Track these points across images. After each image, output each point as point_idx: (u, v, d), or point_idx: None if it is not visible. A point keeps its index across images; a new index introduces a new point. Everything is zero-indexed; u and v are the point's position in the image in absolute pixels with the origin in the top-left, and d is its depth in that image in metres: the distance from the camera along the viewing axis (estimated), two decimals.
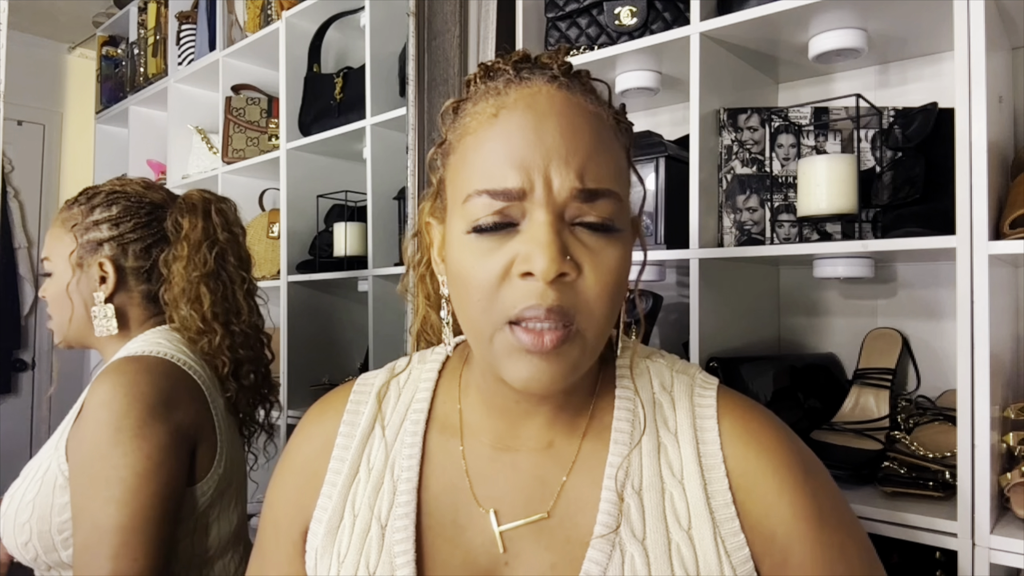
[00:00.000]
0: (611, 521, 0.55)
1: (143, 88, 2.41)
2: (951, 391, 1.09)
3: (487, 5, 1.43)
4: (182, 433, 0.90)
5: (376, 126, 1.65)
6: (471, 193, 0.52)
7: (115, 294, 1.01)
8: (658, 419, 0.60)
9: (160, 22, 2.38)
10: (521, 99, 0.53)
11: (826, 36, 1.08)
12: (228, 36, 2.09)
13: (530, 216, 0.51)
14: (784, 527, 0.55)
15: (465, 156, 0.54)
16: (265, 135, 2.01)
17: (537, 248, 0.49)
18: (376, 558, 0.58)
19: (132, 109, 2.48)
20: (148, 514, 0.84)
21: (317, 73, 1.87)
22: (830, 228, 1.08)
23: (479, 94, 0.55)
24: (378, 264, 1.66)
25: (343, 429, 0.64)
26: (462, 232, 0.53)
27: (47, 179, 2.52)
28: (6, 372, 2.40)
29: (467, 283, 0.52)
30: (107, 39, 2.63)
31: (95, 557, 0.81)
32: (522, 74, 0.54)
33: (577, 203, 0.51)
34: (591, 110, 0.54)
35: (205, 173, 2.12)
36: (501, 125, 0.52)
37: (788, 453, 0.58)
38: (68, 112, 2.62)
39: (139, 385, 0.88)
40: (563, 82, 0.54)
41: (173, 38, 2.30)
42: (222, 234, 1.05)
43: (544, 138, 0.51)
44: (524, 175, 0.50)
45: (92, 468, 0.85)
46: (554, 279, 0.49)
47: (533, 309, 0.49)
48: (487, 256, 0.51)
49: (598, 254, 0.51)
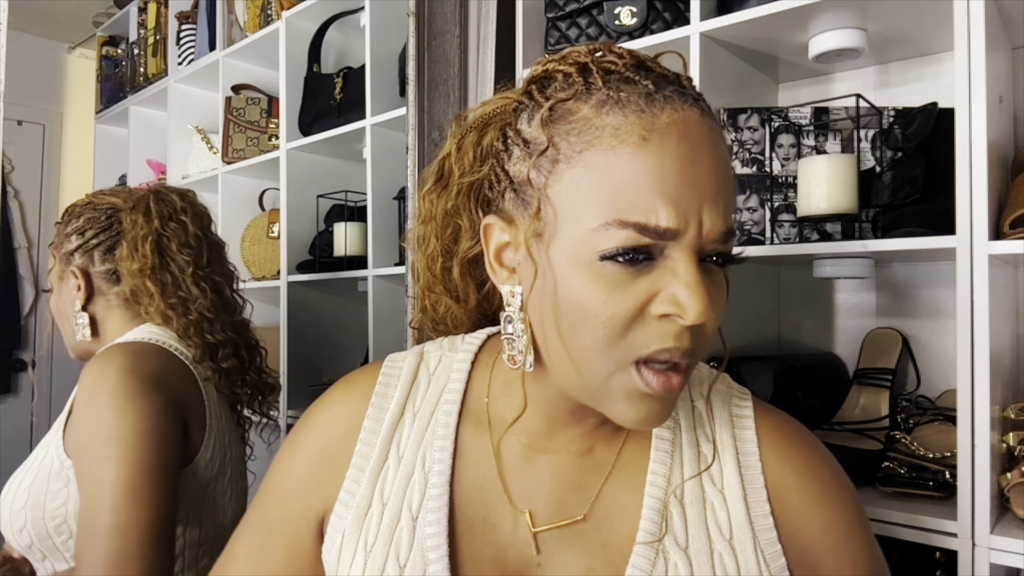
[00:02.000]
0: (655, 528, 0.55)
1: (143, 88, 2.41)
2: (951, 391, 1.09)
3: (487, 5, 1.43)
4: (174, 406, 0.91)
5: (376, 126, 1.65)
6: (610, 221, 0.46)
7: (91, 301, 1.04)
8: (697, 427, 0.60)
9: (160, 22, 2.38)
10: (675, 125, 0.47)
11: (826, 36, 1.08)
12: (228, 36, 2.09)
13: (672, 253, 0.47)
14: (816, 542, 0.57)
15: (600, 175, 0.47)
16: (265, 135, 2.01)
17: (687, 292, 0.46)
18: (407, 550, 0.56)
19: (132, 109, 2.47)
20: (148, 466, 0.84)
21: (317, 73, 1.87)
22: (830, 228, 1.08)
23: (603, 102, 0.49)
24: (378, 264, 1.66)
25: (371, 412, 0.62)
26: (587, 258, 0.48)
27: (47, 179, 2.51)
28: (6, 372, 2.39)
29: (590, 315, 0.48)
30: (107, 39, 2.63)
31: (98, 511, 0.82)
32: (664, 92, 0.49)
33: (718, 244, 0.49)
34: (723, 144, 0.51)
35: (205, 173, 2.12)
36: (654, 152, 0.47)
37: (823, 469, 0.60)
38: (68, 112, 2.62)
39: (129, 362, 0.90)
40: (704, 107, 0.50)
41: (173, 38, 2.30)
42: (167, 225, 1.03)
43: (699, 175, 0.47)
44: (681, 216, 0.46)
45: (91, 435, 0.86)
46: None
47: (668, 352, 0.47)
48: (619, 289, 0.47)
49: (719, 289, 0.50)
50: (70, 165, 2.57)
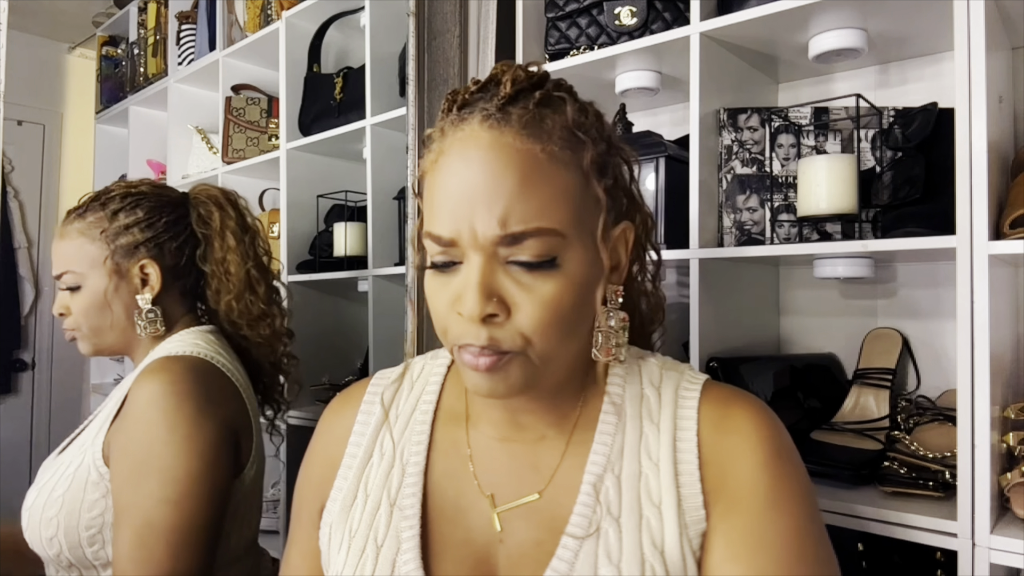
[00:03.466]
0: (590, 500, 0.60)
1: (143, 88, 2.41)
2: (951, 391, 1.09)
3: (487, 5, 1.43)
4: (228, 428, 0.92)
5: (376, 126, 1.65)
6: (424, 233, 0.58)
7: (158, 295, 1.01)
8: (643, 412, 0.63)
9: (160, 22, 2.38)
10: (454, 145, 0.56)
11: (826, 36, 1.08)
12: (228, 36, 2.09)
13: (466, 258, 0.55)
14: (735, 492, 0.58)
15: (424, 194, 0.59)
16: (265, 135, 2.01)
17: (466, 291, 0.54)
18: (384, 533, 0.63)
19: (132, 109, 2.47)
20: (202, 514, 0.85)
21: (317, 73, 1.87)
22: (830, 228, 1.08)
23: (435, 130, 0.59)
24: (378, 264, 1.66)
25: (360, 419, 0.70)
26: (428, 266, 0.58)
27: (47, 179, 2.51)
28: (6, 372, 2.39)
29: (431, 310, 0.59)
30: (107, 39, 2.63)
31: (152, 555, 0.82)
32: (462, 113, 0.57)
33: (504, 247, 0.54)
34: (519, 148, 0.54)
35: (205, 173, 2.12)
36: (440, 173, 0.56)
37: (763, 434, 0.60)
38: (68, 112, 2.62)
39: (186, 383, 0.89)
40: (495, 118, 0.55)
41: (173, 38, 2.30)
42: (252, 222, 1.09)
43: (467, 188, 0.54)
44: (453, 226, 0.54)
45: (144, 467, 0.85)
46: (484, 319, 0.54)
47: (470, 348, 0.55)
48: (439, 290, 0.57)
49: (533, 290, 0.54)
50: (70, 165, 2.57)
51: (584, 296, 0.57)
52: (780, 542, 0.56)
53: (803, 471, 0.61)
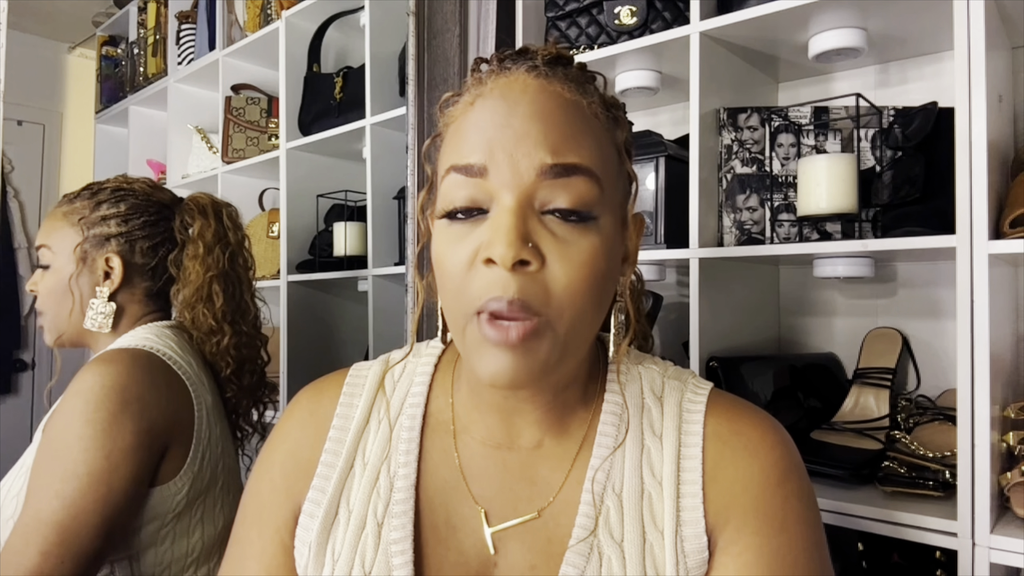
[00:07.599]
0: (589, 523, 0.55)
1: (143, 88, 2.41)
2: (951, 391, 1.09)
3: (487, 5, 1.43)
4: (154, 432, 0.88)
5: (376, 126, 1.65)
6: (446, 169, 0.53)
7: (118, 290, 1.01)
8: (644, 423, 0.59)
9: (160, 22, 2.38)
10: (497, 87, 0.53)
11: (826, 35, 1.08)
12: (228, 36, 2.09)
13: (497, 201, 0.50)
14: (740, 518, 0.54)
15: (445, 143, 0.55)
16: (265, 135, 2.01)
17: (497, 233, 0.48)
18: (372, 557, 0.56)
19: (132, 109, 2.47)
20: (90, 520, 0.81)
21: (317, 73, 1.87)
22: (830, 228, 1.08)
23: (466, 86, 0.56)
24: (378, 264, 1.66)
25: (336, 422, 0.63)
26: (438, 218, 0.53)
27: (47, 179, 2.51)
28: (6, 372, 2.39)
29: (441, 271, 0.52)
30: (107, 39, 2.63)
31: (27, 546, 0.79)
32: (504, 64, 0.55)
33: (548, 181, 0.50)
34: (568, 98, 0.53)
35: (205, 173, 2.12)
36: (476, 111, 0.53)
37: (776, 454, 0.57)
38: (68, 112, 2.62)
39: (119, 376, 0.87)
40: (543, 71, 0.53)
41: (173, 38, 2.30)
42: (232, 236, 1.08)
43: (513, 122, 0.51)
44: (488, 152, 0.50)
45: (52, 456, 0.84)
46: (516, 267, 0.48)
47: (496, 301, 0.48)
48: (458, 243, 0.51)
49: (569, 244, 0.50)
50: (70, 165, 2.56)
51: (610, 270, 0.53)
52: (789, 570, 0.54)
53: (811, 491, 0.58)
